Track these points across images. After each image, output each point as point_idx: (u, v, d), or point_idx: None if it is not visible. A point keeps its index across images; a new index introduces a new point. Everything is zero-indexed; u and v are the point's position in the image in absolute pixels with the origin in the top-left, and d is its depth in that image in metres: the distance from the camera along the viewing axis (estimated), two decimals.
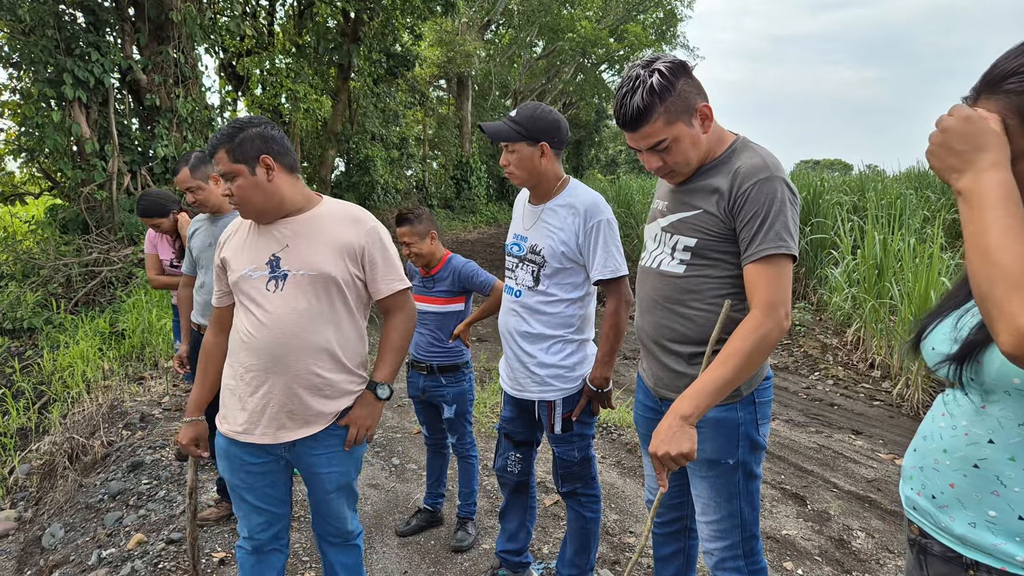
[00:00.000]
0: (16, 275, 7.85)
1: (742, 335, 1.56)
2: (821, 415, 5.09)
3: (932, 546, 1.16)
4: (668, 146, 1.65)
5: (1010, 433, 1.05)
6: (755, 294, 1.59)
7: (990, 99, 1.03)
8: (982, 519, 1.07)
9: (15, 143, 8.64)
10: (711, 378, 1.54)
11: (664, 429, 1.53)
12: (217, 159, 1.90)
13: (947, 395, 1.19)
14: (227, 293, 2.09)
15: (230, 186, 1.90)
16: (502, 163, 2.29)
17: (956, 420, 1.13)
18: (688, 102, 1.64)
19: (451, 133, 23.13)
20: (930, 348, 1.20)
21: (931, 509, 1.15)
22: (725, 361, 1.54)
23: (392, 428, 4.68)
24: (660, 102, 1.60)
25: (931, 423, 1.19)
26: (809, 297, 8.30)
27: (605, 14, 26.00)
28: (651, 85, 1.59)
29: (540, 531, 3.24)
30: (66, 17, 7.91)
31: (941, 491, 1.13)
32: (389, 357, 2.11)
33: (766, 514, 3.45)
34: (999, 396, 1.06)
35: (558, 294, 2.27)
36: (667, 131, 1.63)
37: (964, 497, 1.09)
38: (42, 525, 3.52)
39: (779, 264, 1.58)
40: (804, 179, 10.38)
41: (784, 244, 1.57)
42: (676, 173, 1.72)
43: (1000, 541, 1.05)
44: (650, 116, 1.61)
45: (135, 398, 5.02)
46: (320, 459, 2.02)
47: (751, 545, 1.78)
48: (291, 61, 13.40)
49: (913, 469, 1.21)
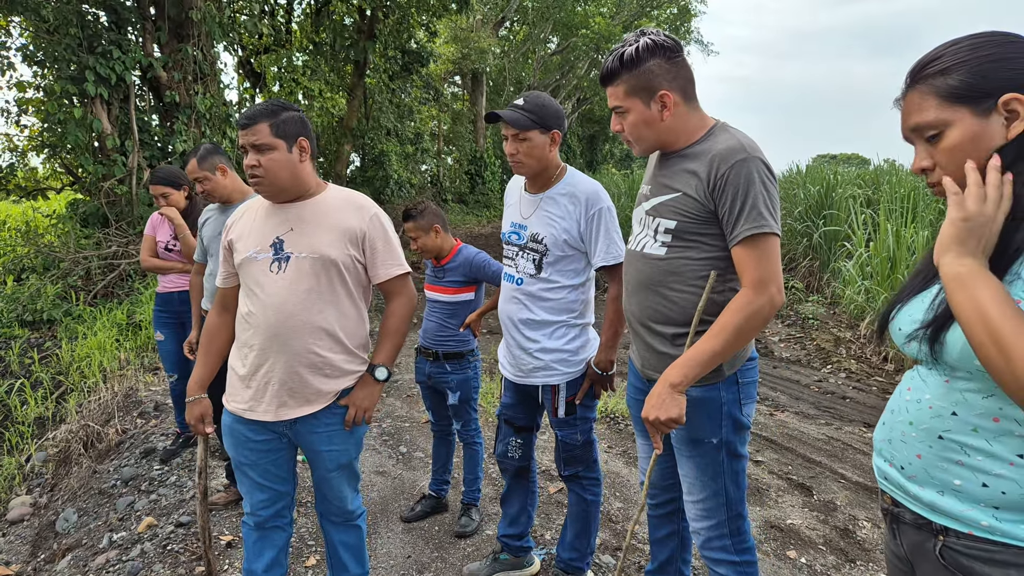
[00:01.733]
0: (37, 268, 8.02)
1: (733, 310, 1.60)
2: (832, 408, 5.05)
3: (904, 514, 1.20)
4: (624, 115, 1.75)
5: (974, 406, 1.08)
6: (744, 274, 1.62)
7: (913, 89, 1.12)
8: (948, 488, 1.10)
9: (38, 139, 8.82)
10: (701, 349, 1.60)
11: (655, 395, 1.62)
12: (256, 130, 1.94)
13: (916, 370, 1.21)
14: (232, 274, 2.14)
15: (259, 158, 1.95)
16: (509, 151, 2.26)
17: (921, 394, 1.16)
18: (651, 83, 1.69)
19: (465, 128, 23.19)
20: (897, 329, 1.23)
21: (901, 479, 1.18)
22: (716, 334, 1.60)
23: (400, 417, 4.72)
24: (624, 71, 1.69)
25: (899, 397, 1.22)
26: (823, 290, 8.22)
27: (619, 10, 25.89)
28: (623, 53, 1.69)
29: (543, 517, 3.26)
30: (89, 16, 8.06)
31: (909, 462, 1.16)
32: (388, 340, 2.17)
33: (771, 503, 3.45)
34: (963, 373, 1.09)
35: (560, 280, 2.29)
36: (623, 100, 1.73)
37: (930, 467, 1.13)
38: (56, 510, 3.60)
39: (763, 242, 1.60)
40: (817, 173, 10.28)
41: (766, 223, 1.60)
42: (633, 144, 1.82)
43: (966, 507, 1.08)
44: (613, 80, 1.72)
45: (150, 387, 5.11)
46: (321, 437, 2.07)
47: (737, 524, 1.80)
48: (308, 58, 13.52)
49: (883, 442, 1.24)
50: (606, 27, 22.99)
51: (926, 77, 1.10)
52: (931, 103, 1.09)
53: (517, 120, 2.20)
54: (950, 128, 1.09)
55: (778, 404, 5.11)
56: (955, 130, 1.08)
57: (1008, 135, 1.05)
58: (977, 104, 1.06)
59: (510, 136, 2.24)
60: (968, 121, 1.07)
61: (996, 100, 1.04)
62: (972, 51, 1.06)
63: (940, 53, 1.10)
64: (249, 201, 2.20)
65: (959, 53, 1.07)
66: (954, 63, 1.07)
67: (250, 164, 1.96)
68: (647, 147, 1.80)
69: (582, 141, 31.64)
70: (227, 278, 2.17)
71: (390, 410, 4.85)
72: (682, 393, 1.61)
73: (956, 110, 1.07)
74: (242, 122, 1.97)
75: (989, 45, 1.06)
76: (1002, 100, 1.04)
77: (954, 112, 1.08)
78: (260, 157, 1.95)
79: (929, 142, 1.12)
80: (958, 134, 1.08)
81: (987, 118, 1.06)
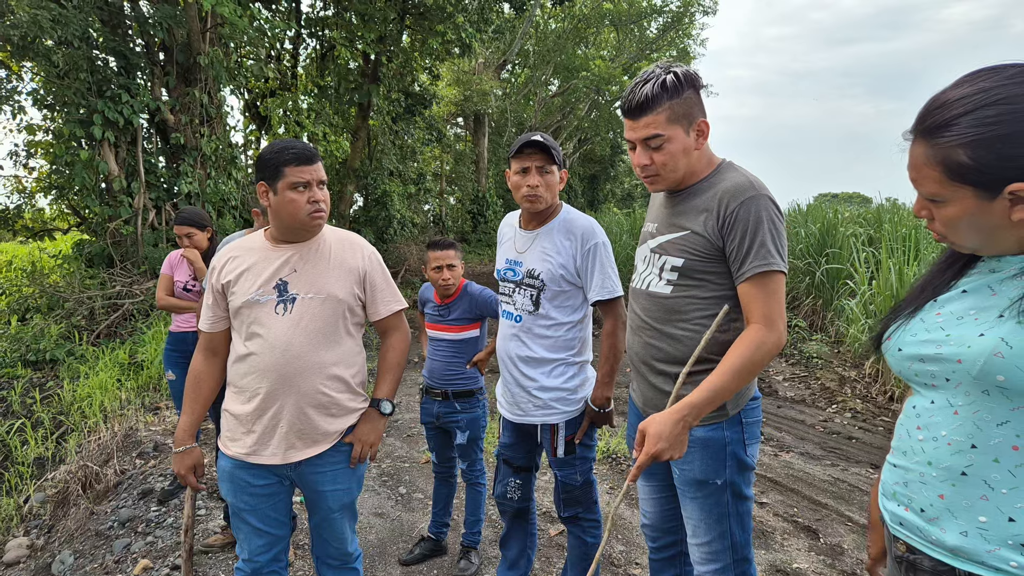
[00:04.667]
0: (42, 308, 8.06)
1: (743, 345, 1.59)
2: (838, 448, 4.99)
3: (922, 561, 1.14)
4: (662, 144, 1.69)
5: (989, 435, 1.05)
6: (752, 311, 1.63)
7: (921, 142, 1.06)
8: (973, 527, 1.06)
9: (46, 181, 8.96)
10: (718, 387, 1.58)
11: (668, 435, 1.55)
12: (321, 167, 2.04)
13: (915, 407, 1.18)
14: (223, 318, 2.10)
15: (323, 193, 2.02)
16: (531, 183, 2.24)
17: (935, 431, 1.12)
18: (691, 111, 1.70)
19: (468, 169, 23.49)
20: (897, 349, 1.19)
21: (920, 523, 1.14)
22: (727, 371, 1.58)
23: (400, 458, 4.67)
24: (667, 98, 1.67)
25: (908, 438, 1.18)
26: (827, 329, 8.20)
27: (619, 53, 26.47)
28: (664, 80, 1.66)
29: (543, 561, 3.20)
30: (99, 62, 8.26)
31: (930, 503, 1.12)
32: (389, 375, 2.19)
33: (777, 547, 3.38)
34: (975, 396, 1.06)
35: (558, 317, 2.30)
36: (665, 128, 1.68)
37: (954, 507, 1.08)
38: (53, 552, 3.55)
39: (771, 280, 1.62)
40: (818, 212, 10.34)
41: (774, 261, 1.61)
42: (660, 178, 1.75)
43: (994, 547, 1.04)
44: (655, 107, 1.67)
45: (149, 427, 5.08)
46: (325, 477, 2.07)
47: (743, 568, 1.76)
48: (313, 101, 13.78)
49: (896, 485, 1.19)
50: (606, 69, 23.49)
51: (935, 135, 1.03)
52: (934, 175, 1.04)
53: (553, 152, 2.25)
54: (950, 203, 1.05)
55: (783, 444, 5.05)
56: (954, 207, 1.05)
57: (1012, 217, 1.01)
58: (983, 188, 1.01)
59: (534, 168, 2.24)
60: (968, 202, 1.03)
61: (1004, 187, 0.99)
62: (990, 125, 0.98)
63: (954, 114, 1.01)
64: (234, 242, 2.16)
65: (977, 123, 0.98)
66: (968, 137, 0.99)
67: (320, 199, 2.01)
68: (675, 180, 1.75)
69: (583, 181, 31.97)
70: (217, 322, 2.11)
71: (390, 450, 4.81)
72: (688, 430, 1.59)
73: (959, 188, 1.03)
74: (305, 156, 1.99)
75: (1009, 118, 0.97)
76: (1009, 189, 0.98)
77: (956, 190, 1.03)
78: (324, 193, 2.03)
79: (934, 203, 1.09)
80: (957, 211, 1.05)
81: (991, 201, 1.01)
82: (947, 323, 1.11)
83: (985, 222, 1.04)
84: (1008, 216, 1.01)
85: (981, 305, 1.08)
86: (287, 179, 1.96)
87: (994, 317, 1.05)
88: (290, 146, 1.98)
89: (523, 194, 2.27)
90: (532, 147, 2.24)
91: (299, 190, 1.97)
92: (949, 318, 1.12)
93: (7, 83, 8.25)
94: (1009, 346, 1.00)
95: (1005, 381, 1.01)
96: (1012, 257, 1.08)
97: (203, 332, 2.15)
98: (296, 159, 1.96)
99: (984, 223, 1.04)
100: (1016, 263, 1.07)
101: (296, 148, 1.98)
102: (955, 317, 1.11)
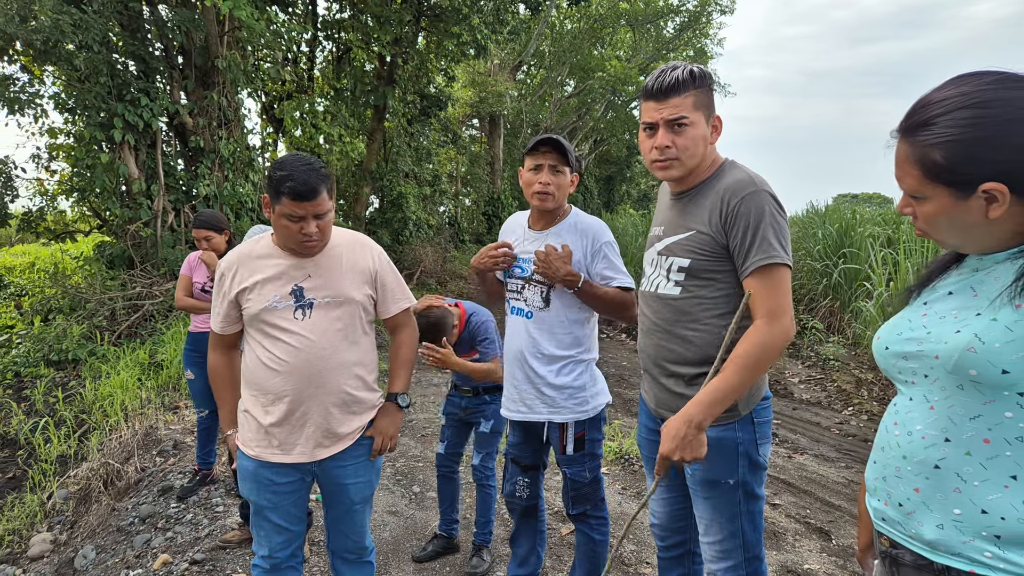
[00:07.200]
0: (64, 309, 8.21)
1: (749, 342, 1.62)
2: (853, 451, 4.96)
3: (903, 555, 1.17)
4: (685, 128, 1.73)
5: (962, 429, 1.08)
6: (757, 305, 1.65)
7: (905, 142, 1.10)
8: (948, 519, 1.09)
9: (68, 184, 9.13)
10: (720, 386, 1.61)
11: (679, 436, 1.62)
12: (321, 200, 1.94)
13: (895, 404, 1.22)
14: (236, 321, 2.13)
15: (320, 224, 1.97)
16: (543, 181, 2.26)
17: (910, 426, 1.15)
18: (711, 103, 1.78)
19: (483, 170, 23.52)
20: (884, 348, 1.22)
21: (899, 518, 1.17)
22: (734, 369, 1.61)
23: (414, 457, 4.72)
24: (694, 85, 1.73)
25: (886, 434, 1.21)
26: (843, 331, 8.13)
27: (635, 53, 26.39)
28: (693, 69, 1.73)
29: (554, 559, 3.23)
30: (119, 66, 8.40)
31: (907, 497, 1.15)
32: (402, 370, 2.27)
33: (788, 548, 3.38)
34: (951, 392, 1.09)
35: (568, 314, 2.34)
36: (692, 112, 1.73)
37: (929, 500, 1.12)
38: (75, 547, 3.64)
39: (775, 273, 1.64)
40: (836, 213, 10.26)
41: (777, 254, 1.64)
42: (678, 163, 1.76)
43: (968, 538, 1.07)
44: (683, 91, 1.72)
45: (169, 426, 5.17)
46: (348, 471, 2.13)
47: (755, 567, 1.78)
48: (329, 104, 13.90)
49: (876, 481, 1.22)
50: (622, 70, 23.41)
51: (915, 133, 1.08)
52: (914, 172, 1.08)
53: (567, 153, 2.29)
54: (928, 200, 1.10)
55: (797, 447, 5.03)
56: (932, 204, 1.09)
57: (988, 215, 1.04)
58: (957, 188, 1.05)
59: (547, 166, 2.27)
60: (944, 200, 1.07)
61: (977, 187, 1.03)
62: (966, 128, 1.01)
63: (933, 114, 1.05)
64: (240, 248, 2.15)
65: (953, 124, 1.02)
66: (943, 138, 1.03)
67: (312, 233, 1.96)
68: (689, 168, 1.77)
69: (599, 182, 31.90)
70: (229, 324, 2.14)
71: (404, 449, 4.86)
72: (704, 431, 1.62)
73: (935, 187, 1.07)
74: (304, 193, 1.90)
75: (983, 122, 1.00)
76: (983, 187, 1.02)
77: (933, 189, 1.07)
78: (320, 223, 1.97)
79: (914, 198, 1.13)
80: (934, 209, 1.09)
81: (966, 200, 1.05)
82: (930, 322, 1.15)
83: (962, 220, 1.08)
84: (984, 214, 1.05)
85: (963, 305, 1.11)
86: (283, 207, 1.93)
87: (972, 315, 1.08)
88: (292, 176, 1.89)
89: (534, 191, 2.30)
90: (547, 145, 2.28)
91: (293, 220, 1.95)
92: (933, 317, 1.15)
93: (30, 87, 8.41)
94: (982, 341, 1.04)
95: (977, 375, 1.05)
96: (993, 255, 1.11)
97: (215, 332, 2.18)
98: (292, 193, 1.89)
99: (961, 221, 1.08)
100: (996, 260, 1.10)
101: (297, 181, 1.89)
102: (938, 317, 1.14)
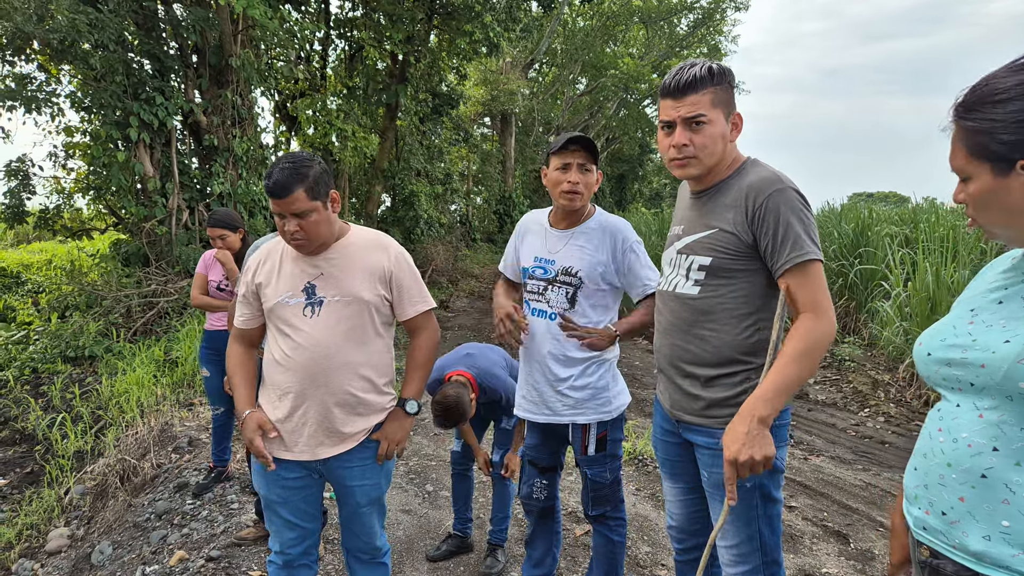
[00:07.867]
0: (80, 306, 8.28)
1: (800, 335, 1.59)
2: (870, 453, 4.91)
3: (945, 566, 1.14)
4: (704, 126, 1.71)
5: (1013, 438, 1.05)
6: (797, 301, 1.64)
7: (955, 125, 1.12)
8: (996, 530, 1.06)
9: (84, 182, 9.20)
10: (781, 378, 1.57)
11: (743, 435, 1.54)
12: (294, 199, 1.91)
13: (940, 410, 1.18)
14: (256, 316, 2.16)
15: (300, 223, 1.94)
16: (573, 179, 2.24)
17: (956, 433, 1.12)
18: (730, 101, 1.75)
19: (494, 169, 23.51)
20: (926, 354, 1.20)
21: (942, 527, 1.13)
22: (791, 360, 1.57)
23: (427, 456, 4.72)
24: (712, 83, 1.71)
25: (929, 440, 1.18)
26: (860, 332, 8.04)
27: (648, 50, 26.28)
28: (711, 66, 1.71)
29: (569, 560, 3.21)
30: (134, 65, 8.45)
31: (951, 506, 1.12)
32: (416, 375, 2.21)
33: (806, 551, 3.34)
34: (1000, 401, 1.06)
35: (593, 316, 2.32)
36: (709, 110, 1.71)
37: (975, 510, 1.08)
38: (92, 543, 3.66)
39: (811, 269, 1.63)
40: (852, 212, 10.15)
41: (809, 250, 1.63)
42: (696, 161, 1.74)
43: (1017, 551, 1.04)
44: (701, 88, 1.70)
45: (184, 423, 5.20)
46: (354, 472, 2.11)
47: (773, 571, 1.76)
48: (342, 102, 13.94)
49: (918, 488, 1.19)
50: (635, 67, 23.33)
51: (964, 117, 1.10)
52: (960, 152, 1.11)
53: (596, 152, 2.27)
54: (973, 180, 1.11)
55: (813, 448, 4.98)
56: (976, 183, 1.10)
57: None
58: (997, 164, 1.06)
59: (575, 165, 2.25)
60: (987, 178, 1.08)
61: (1016, 163, 1.04)
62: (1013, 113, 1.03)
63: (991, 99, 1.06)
64: (270, 243, 2.20)
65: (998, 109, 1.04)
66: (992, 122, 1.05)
67: (292, 231, 1.95)
68: (707, 167, 1.75)
69: (611, 180, 31.81)
70: (250, 319, 2.17)
71: (417, 448, 4.86)
72: (769, 427, 1.55)
73: (978, 165, 1.09)
74: (275, 191, 1.91)
75: None
76: (1021, 163, 1.04)
77: (976, 167, 1.09)
78: (301, 222, 1.95)
79: (963, 181, 1.14)
80: (977, 187, 1.10)
81: (1006, 177, 1.06)
82: (977, 330, 1.12)
83: (1005, 201, 1.07)
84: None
85: (1013, 315, 1.09)
86: (271, 205, 1.97)
87: (1022, 326, 1.06)
88: (271, 174, 1.92)
89: (563, 190, 2.27)
90: (577, 144, 2.25)
91: (279, 218, 1.97)
92: (980, 326, 1.13)
93: (46, 86, 8.47)
94: None
95: None
96: None
97: (237, 327, 2.21)
98: (268, 191, 1.93)
99: (1004, 202, 1.07)
100: None
101: (272, 179, 1.92)
102: (986, 325, 1.12)
